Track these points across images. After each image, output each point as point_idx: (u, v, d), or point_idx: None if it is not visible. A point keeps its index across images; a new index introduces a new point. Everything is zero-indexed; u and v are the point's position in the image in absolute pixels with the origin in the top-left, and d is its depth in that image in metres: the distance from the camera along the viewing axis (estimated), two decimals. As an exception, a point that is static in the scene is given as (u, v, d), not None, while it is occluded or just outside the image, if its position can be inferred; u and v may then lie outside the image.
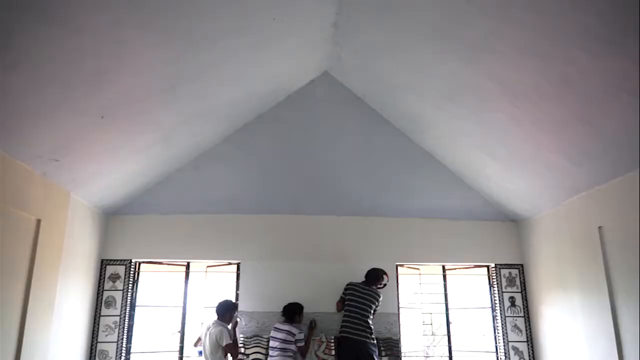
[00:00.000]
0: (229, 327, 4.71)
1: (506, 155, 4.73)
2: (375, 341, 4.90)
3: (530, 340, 5.41)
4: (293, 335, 4.78)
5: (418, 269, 5.73)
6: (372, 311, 4.95)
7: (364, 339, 4.80)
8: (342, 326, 4.92)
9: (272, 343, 4.85)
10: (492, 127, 4.49)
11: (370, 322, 4.90)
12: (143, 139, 4.46)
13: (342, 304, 5.09)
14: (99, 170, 4.49)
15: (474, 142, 4.92)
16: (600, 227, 4.26)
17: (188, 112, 4.54)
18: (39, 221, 3.90)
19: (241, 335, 5.06)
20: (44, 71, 2.97)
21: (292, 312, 4.92)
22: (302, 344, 4.80)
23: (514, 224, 5.77)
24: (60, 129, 3.56)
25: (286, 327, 4.84)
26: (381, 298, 5.05)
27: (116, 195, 5.13)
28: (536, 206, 5.24)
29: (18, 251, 3.69)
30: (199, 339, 4.79)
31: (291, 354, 4.74)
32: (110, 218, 5.38)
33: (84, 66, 3.14)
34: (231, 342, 4.58)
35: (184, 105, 4.36)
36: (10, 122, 3.19)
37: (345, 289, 5.09)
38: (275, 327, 4.90)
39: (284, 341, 4.77)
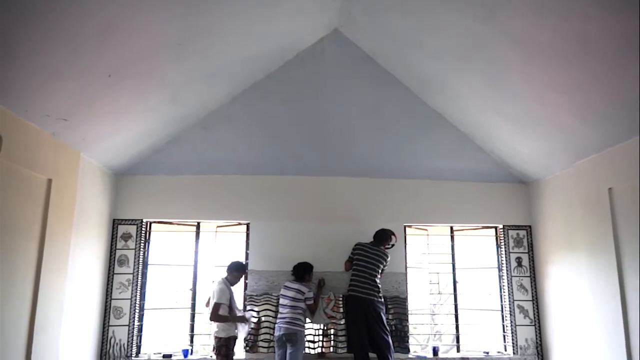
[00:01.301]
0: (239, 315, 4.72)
1: (518, 116, 4.66)
2: (382, 299, 5.00)
3: (536, 299, 5.49)
4: (302, 293, 4.88)
5: (426, 229, 5.77)
6: (379, 271, 5.03)
7: (372, 297, 4.89)
8: (350, 285, 5.00)
9: (282, 301, 4.96)
10: (505, 87, 4.40)
11: (377, 281, 4.98)
12: (151, 98, 4.42)
13: (350, 263, 5.16)
14: (108, 130, 4.48)
15: (486, 102, 4.83)
16: (610, 188, 4.24)
17: (195, 71, 4.48)
18: (50, 181, 3.93)
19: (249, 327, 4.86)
20: (50, 30, 2.92)
21: (302, 271, 5.01)
22: (312, 301, 4.91)
23: (524, 186, 5.75)
24: (68, 88, 3.53)
25: (296, 285, 4.94)
26: (389, 258, 5.11)
27: (126, 155, 5.14)
28: (546, 168, 5.20)
29: (30, 210, 3.74)
30: (209, 299, 4.90)
31: (300, 311, 4.86)
32: (121, 178, 5.42)
33: (91, 25, 3.08)
34: (219, 303, 4.58)
35: (191, 64, 4.30)
36: (18, 81, 3.17)
37: (354, 249, 5.15)
38: (285, 286, 5.00)
39: (293, 299, 4.87)
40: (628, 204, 4.03)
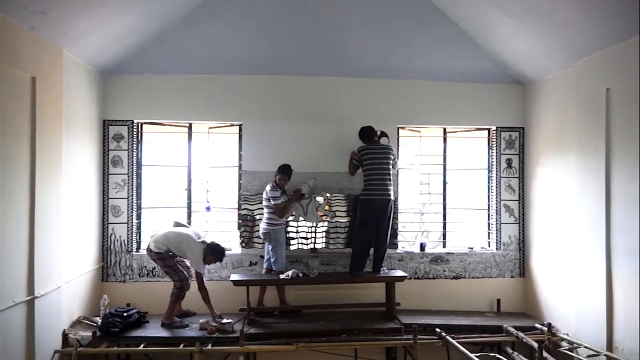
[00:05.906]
0: None
1: (521, 10, 4.45)
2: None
3: (522, 199, 5.66)
4: (267, 193, 5.01)
5: (419, 131, 5.76)
6: (390, 167, 5.07)
7: (390, 197, 5.01)
8: (368, 188, 5.02)
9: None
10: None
11: (391, 179, 5.05)
12: (132, -10, 4.15)
13: (354, 168, 5.18)
14: (89, 25, 4.25)
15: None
16: (608, 89, 4.18)
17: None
18: (33, 79, 3.80)
19: None
20: None
21: (277, 173, 5.06)
22: (273, 202, 4.97)
23: (520, 87, 5.66)
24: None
25: (268, 187, 5.03)
26: (394, 150, 5.17)
27: (111, 53, 4.93)
28: (545, 67, 5.08)
29: (17, 110, 3.65)
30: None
31: (271, 210, 5.02)
32: (108, 78, 5.25)
33: None
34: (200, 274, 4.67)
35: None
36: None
37: (360, 154, 5.07)
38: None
39: (266, 199, 5.06)
40: (625, 104, 4.00)
